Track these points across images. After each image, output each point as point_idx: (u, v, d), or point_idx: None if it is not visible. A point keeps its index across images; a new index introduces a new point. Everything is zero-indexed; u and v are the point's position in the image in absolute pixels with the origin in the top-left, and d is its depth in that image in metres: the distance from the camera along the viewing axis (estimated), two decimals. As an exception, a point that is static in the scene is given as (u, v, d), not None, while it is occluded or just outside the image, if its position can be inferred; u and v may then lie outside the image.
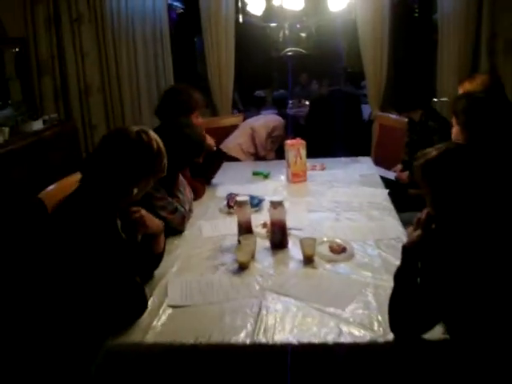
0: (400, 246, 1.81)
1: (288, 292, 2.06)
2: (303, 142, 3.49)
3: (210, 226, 2.78)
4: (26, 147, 4.13)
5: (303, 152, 3.48)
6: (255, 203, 3.00)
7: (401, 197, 3.25)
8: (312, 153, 4.33)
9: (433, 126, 3.55)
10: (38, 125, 4.55)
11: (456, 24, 4.70)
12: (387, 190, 3.22)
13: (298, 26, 7.50)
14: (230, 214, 2.96)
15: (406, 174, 3.74)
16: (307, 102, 6.95)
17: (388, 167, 4.02)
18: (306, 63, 7.81)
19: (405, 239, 2.43)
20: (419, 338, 1.69)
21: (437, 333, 1.68)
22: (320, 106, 6.15)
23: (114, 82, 5.10)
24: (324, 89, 7.05)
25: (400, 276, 1.74)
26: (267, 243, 2.49)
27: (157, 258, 2.22)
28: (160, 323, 1.88)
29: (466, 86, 2.96)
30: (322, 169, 3.78)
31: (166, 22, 5.04)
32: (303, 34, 7.88)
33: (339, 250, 2.40)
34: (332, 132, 5.77)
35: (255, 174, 3.72)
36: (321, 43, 7.86)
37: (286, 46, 7.70)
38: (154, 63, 5.07)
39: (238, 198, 2.55)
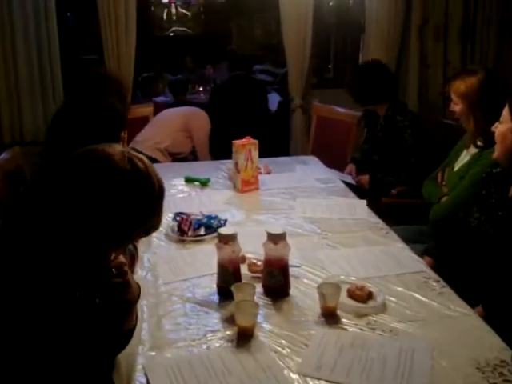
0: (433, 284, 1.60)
1: (337, 379, 1.39)
2: (255, 142, 2.80)
3: (168, 267, 2.00)
4: None
5: (255, 153, 2.80)
6: (216, 226, 2.26)
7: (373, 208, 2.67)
8: (217, 150, 3.74)
9: (402, 122, 3.03)
10: None
11: (385, 9, 4.26)
12: (364, 201, 2.64)
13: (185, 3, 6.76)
14: (183, 242, 2.20)
15: (366, 179, 3.20)
16: (201, 88, 6.25)
17: (331, 167, 3.44)
18: (193, 44, 7.08)
19: (429, 271, 1.92)
20: None
21: None
22: (223, 93, 5.46)
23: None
24: (217, 73, 6.39)
25: None
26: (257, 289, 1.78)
27: (126, 336, 1.43)
28: None
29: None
30: (268, 172, 3.11)
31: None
32: (189, 13, 7.13)
33: (364, 297, 1.76)
34: (238, 123, 5.14)
35: (189, 180, 2.95)
36: (209, 23, 7.17)
37: (172, 25, 6.92)
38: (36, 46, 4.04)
39: (222, 231, 1.81)
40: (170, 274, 1.95)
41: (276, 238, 1.76)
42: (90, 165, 1.18)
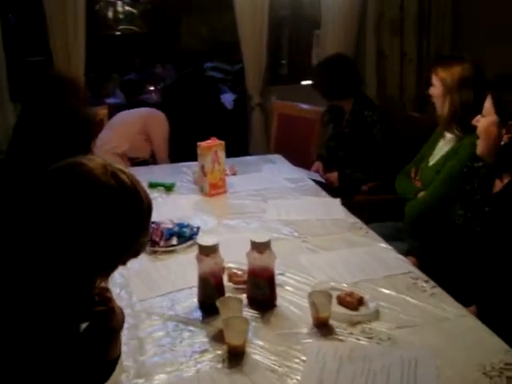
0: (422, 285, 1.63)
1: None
2: (221, 143, 2.68)
3: (142, 282, 1.86)
4: None
5: (222, 155, 2.68)
6: (189, 234, 2.14)
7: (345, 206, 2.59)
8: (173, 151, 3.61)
9: (371, 117, 2.97)
10: None
11: (341, 4, 4.19)
12: (338, 200, 2.55)
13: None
14: (155, 254, 2.06)
15: (335, 176, 3.12)
16: (152, 88, 6.05)
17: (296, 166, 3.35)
18: (141, 43, 6.85)
19: (416, 272, 1.86)
20: None
21: None
22: (175, 92, 5.29)
23: None
24: (167, 72, 6.20)
25: None
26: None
27: (111, 366, 1.29)
28: None
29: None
30: (234, 173, 2.99)
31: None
32: (136, 11, 6.88)
33: (355, 303, 1.68)
34: (192, 123, 5.00)
35: (153, 185, 2.79)
36: (156, 21, 6.95)
37: (119, 24, 6.67)
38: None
39: (202, 242, 1.68)
40: (145, 290, 1.81)
41: (261, 247, 1.65)
42: (69, 183, 1.04)
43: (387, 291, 1.77)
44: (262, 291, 1.68)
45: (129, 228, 1.08)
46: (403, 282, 1.83)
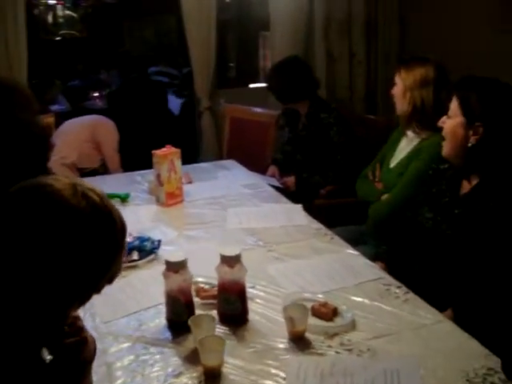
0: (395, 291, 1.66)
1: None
2: (177, 151, 2.59)
3: (104, 302, 1.73)
4: None
5: (178, 163, 2.59)
6: (150, 248, 2.05)
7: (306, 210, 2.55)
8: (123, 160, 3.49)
9: (327, 119, 2.94)
10: None
11: (289, 6, 4.15)
12: (300, 205, 2.51)
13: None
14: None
15: (292, 180, 3.07)
16: (96, 94, 5.89)
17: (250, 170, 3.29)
18: (84, 48, 6.65)
19: (387, 277, 1.83)
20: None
21: None
22: (120, 98, 5.15)
23: None
24: (112, 78, 6.05)
25: None
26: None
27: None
28: None
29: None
30: (189, 181, 2.90)
31: None
32: (76, 15, 6.68)
33: (330, 314, 1.63)
34: (138, 129, 4.88)
35: (108, 196, 2.65)
36: (98, 25, 6.76)
37: (59, 28, 6.46)
38: None
39: (170, 258, 1.59)
40: (109, 311, 1.71)
41: (231, 261, 1.59)
42: (36, 207, 0.93)
43: (360, 299, 1.73)
44: (233, 306, 1.61)
45: (103, 252, 0.99)
46: (375, 288, 1.79)
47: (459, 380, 1.35)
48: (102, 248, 0.99)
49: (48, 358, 1.01)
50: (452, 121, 1.80)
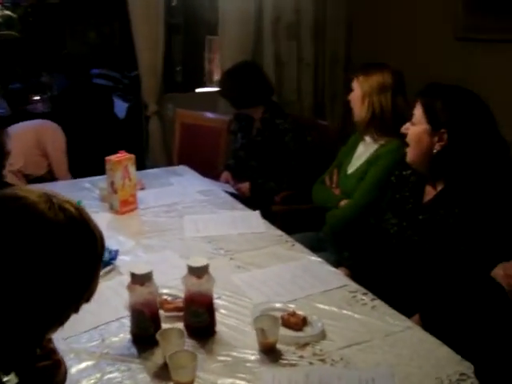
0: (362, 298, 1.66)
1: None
2: (131, 157, 2.51)
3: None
4: None
5: (132, 170, 2.51)
6: (107, 259, 1.96)
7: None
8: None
9: (282, 125, 2.92)
10: None
11: (237, 9, 4.12)
12: (258, 212, 2.47)
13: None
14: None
15: (246, 186, 3.04)
16: (37, 97, 5.67)
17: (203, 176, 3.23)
18: (24, 50, 6.39)
19: (353, 284, 1.82)
20: None
21: None
22: (65, 102, 4.97)
23: None
24: (54, 81, 5.83)
25: None
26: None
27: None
28: None
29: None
30: (142, 187, 2.82)
31: None
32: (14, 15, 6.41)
33: (300, 323, 1.60)
34: (84, 134, 4.72)
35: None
36: (39, 26, 6.51)
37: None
38: None
39: (136, 270, 1.52)
40: (67, 326, 1.59)
41: (199, 272, 1.53)
42: (9, 221, 0.86)
43: (328, 307, 1.71)
44: (200, 318, 1.55)
45: (83, 266, 0.93)
46: (342, 296, 1.78)
47: (434, 388, 1.35)
48: (82, 261, 0.93)
49: (14, 383, 0.94)
50: (416, 127, 1.81)
